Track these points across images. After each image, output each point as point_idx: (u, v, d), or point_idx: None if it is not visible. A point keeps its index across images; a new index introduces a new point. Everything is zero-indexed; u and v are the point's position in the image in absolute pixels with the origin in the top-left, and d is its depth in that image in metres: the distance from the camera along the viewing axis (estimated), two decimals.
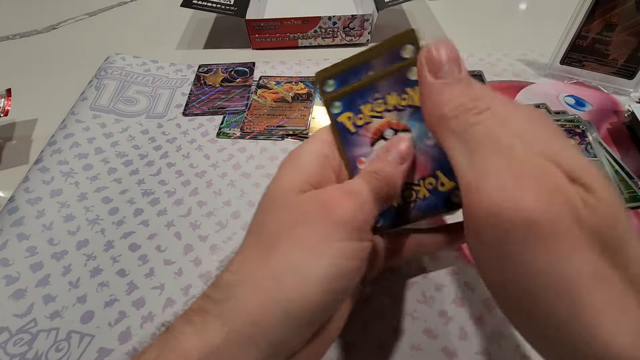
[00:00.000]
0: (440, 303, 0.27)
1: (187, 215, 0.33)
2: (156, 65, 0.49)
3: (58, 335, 0.26)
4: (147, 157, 0.38)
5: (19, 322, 0.27)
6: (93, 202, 0.34)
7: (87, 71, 0.48)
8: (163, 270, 0.30)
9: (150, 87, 0.46)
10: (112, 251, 0.31)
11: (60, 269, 0.29)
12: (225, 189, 0.35)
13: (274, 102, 0.44)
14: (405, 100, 0.20)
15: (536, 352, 0.16)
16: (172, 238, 0.32)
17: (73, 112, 0.42)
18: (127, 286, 0.29)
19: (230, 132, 0.41)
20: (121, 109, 0.43)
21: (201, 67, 0.49)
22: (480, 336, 0.25)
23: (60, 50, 0.55)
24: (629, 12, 0.39)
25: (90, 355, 0.25)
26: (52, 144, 0.38)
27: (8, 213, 0.32)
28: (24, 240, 0.31)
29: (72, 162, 0.37)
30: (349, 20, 0.51)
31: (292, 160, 0.20)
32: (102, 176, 0.36)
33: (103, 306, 0.28)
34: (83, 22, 0.61)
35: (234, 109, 0.43)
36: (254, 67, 0.49)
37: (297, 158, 0.20)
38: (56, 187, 0.35)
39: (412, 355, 0.25)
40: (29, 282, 0.29)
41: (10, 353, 0.25)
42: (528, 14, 0.60)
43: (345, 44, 0.53)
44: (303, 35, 0.52)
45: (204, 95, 0.45)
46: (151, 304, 0.28)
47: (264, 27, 0.51)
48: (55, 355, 0.25)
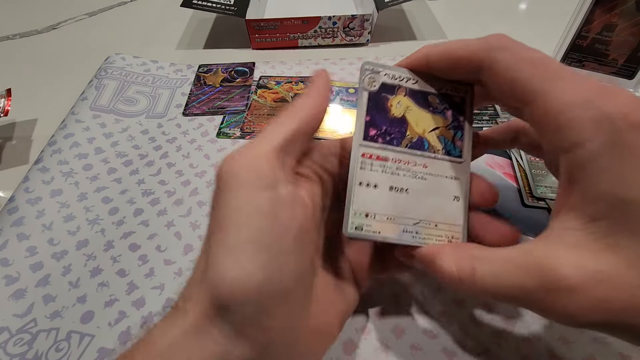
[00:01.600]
0: (440, 303, 0.27)
1: (187, 215, 0.33)
2: (156, 65, 0.49)
3: (58, 335, 0.26)
4: (147, 157, 0.38)
5: (19, 322, 0.27)
6: (93, 202, 0.34)
7: (87, 71, 0.48)
8: (163, 270, 0.30)
9: (150, 87, 0.46)
10: (112, 251, 0.31)
11: (60, 269, 0.29)
12: None
13: (274, 102, 0.44)
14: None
15: (535, 353, 0.16)
16: (172, 238, 0.32)
17: (73, 112, 0.42)
18: (127, 286, 0.29)
19: (230, 132, 0.41)
20: (121, 109, 0.43)
21: (201, 67, 0.49)
22: (480, 336, 0.25)
23: (60, 50, 0.55)
24: (629, 12, 0.39)
25: (90, 355, 0.25)
26: (52, 144, 0.38)
27: (8, 213, 0.32)
28: (24, 240, 0.31)
29: (72, 162, 0.37)
30: (349, 20, 0.51)
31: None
32: (102, 176, 0.36)
33: (103, 306, 0.28)
34: (83, 22, 0.61)
35: (234, 109, 0.43)
36: (254, 67, 0.49)
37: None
38: (56, 187, 0.35)
39: (412, 355, 0.25)
40: (29, 282, 0.29)
41: (10, 353, 0.25)
42: (528, 14, 0.60)
43: (345, 44, 0.53)
44: (303, 35, 0.52)
45: (204, 95, 0.45)
46: (151, 304, 0.28)
47: (264, 27, 0.51)
48: (55, 355, 0.25)
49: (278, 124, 0.19)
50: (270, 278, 0.16)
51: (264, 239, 0.16)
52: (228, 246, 0.16)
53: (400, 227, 0.20)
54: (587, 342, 0.25)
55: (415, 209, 0.20)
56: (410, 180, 0.21)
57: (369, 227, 0.20)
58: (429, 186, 0.21)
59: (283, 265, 0.16)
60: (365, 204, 0.20)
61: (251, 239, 0.16)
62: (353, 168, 0.20)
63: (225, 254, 0.16)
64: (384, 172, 0.20)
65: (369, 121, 0.21)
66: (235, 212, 0.16)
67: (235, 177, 0.17)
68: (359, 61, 0.49)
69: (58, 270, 0.29)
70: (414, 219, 0.20)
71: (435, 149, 0.21)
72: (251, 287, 0.15)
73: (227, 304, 0.15)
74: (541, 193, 0.33)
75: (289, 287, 0.16)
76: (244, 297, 0.15)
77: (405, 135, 0.21)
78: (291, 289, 0.17)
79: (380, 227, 0.20)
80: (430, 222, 0.21)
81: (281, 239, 0.16)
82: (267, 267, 0.16)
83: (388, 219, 0.20)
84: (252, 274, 0.15)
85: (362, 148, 0.20)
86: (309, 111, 0.19)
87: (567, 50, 0.43)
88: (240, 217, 0.16)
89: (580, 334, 0.25)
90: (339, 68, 0.48)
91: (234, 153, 0.17)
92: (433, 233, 0.20)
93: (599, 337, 0.25)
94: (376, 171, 0.20)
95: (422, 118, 0.21)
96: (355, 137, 0.20)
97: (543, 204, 0.33)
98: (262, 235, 0.16)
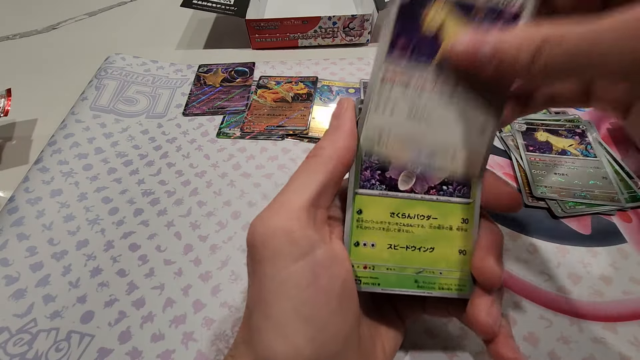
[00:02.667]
0: None
1: (187, 215, 0.33)
2: (156, 65, 0.49)
3: (58, 335, 0.26)
4: (147, 157, 0.38)
5: (19, 322, 0.27)
6: (93, 202, 0.34)
7: (87, 71, 0.48)
8: (163, 270, 0.30)
9: (150, 87, 0.46)
10: (112, 251, 0.31)
11: (60, 269, 0.29)
12: (225, 189, 0.35)
13: (274, 102, 0.44)
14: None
15: (535, 353, 0.16)
16: (172, 238, 0.32)
17: (73, 112, 0.42)
18: (127, 286, 0.29)
19: (230, 132, 0.41)
20: (121, 109, 0.43)
21: (201, 67, 0.49)
22: None
23: (60, 50, 0.55)
24: None
25: (90, 355, 0.25)
26: (52, 144, 0.38)
27: (8, 213, 0.32)
28: (24, 240, 0.31)
29: (72, 162, 0.37)
30: (349, 20, 0.51)
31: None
32: (102, 176, 0.36)
33: (103, 306, 0.28)
34: (83, 22, 0.61)
35: (234, 109, 0.43)
36: (254, 67, 0.49)
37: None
38: (56, 187, 0.35)
39: (412, 355, 0.25)
40: (29, 282, 0.29)
41: (10, 353, 0.25)
42: None
43: (345, 44, 0.53)
44: (303, 35, 0.52)
45: (204, 95, 0.45)
46: (151, 304, 0.28)
47: (264, 27, 0.51)
48: (55, 355, 0.25)
49: (306, 175, 0.18)
50: (320, 347, 0.16)
51: (308, 310, 0.16)
52: (272, 321, 0.16)
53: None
54: (587, 342, 0.25)
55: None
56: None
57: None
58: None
59: (331, 330, 0.16)
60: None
61: (295, 311, 0.15)
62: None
63: (271, 331, 0.16)
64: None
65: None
66: (274, 285, 0.16)
67: (268, 247, 0.16)
68: (359, 61, 0.49)
69: (58, 270, 0.29)
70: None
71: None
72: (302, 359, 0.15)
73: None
74: (541, 193, 0.33)
75: (337, 350, 0.16)
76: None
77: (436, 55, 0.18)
78: (340, 350, 0.16)
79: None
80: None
81: (325, 304, 0.16)
82: (315, 338, 0.15)
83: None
84: (302, 348, 0.15)
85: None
86: (338, 159, 0.18)
87: None
88: (280, 290, 0.16)
89: (580, 334, 0.25)
90: (339, 68, 0.48)
91: (264, 214, 0.17)
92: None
93: (599, 337, 0.25)
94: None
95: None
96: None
97: (543, 204, 0.33)
98: (306, 307, 0.16)
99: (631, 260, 0.29)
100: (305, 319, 0.15)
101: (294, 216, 0.16)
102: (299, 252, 0.16)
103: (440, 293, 0.20)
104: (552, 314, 0.26)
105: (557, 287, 0.28)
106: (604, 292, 0.27)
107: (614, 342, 0.25)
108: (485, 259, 0.18)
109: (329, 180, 0.18)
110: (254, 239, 0.16)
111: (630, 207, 0.32)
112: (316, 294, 0.16)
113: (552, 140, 0.37)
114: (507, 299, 0.27)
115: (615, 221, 0.32)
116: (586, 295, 0.27)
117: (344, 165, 0.18)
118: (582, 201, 0.32)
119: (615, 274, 0.28)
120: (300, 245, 0.16)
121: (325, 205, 0.18)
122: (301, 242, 0.16)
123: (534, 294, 0.28)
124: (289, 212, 0.16)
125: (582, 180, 0.34)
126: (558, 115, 0.40)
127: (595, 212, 0.32)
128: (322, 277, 0.16)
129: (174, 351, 0.25)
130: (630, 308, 0.27)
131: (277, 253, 0.16)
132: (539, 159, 0.36)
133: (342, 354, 0.17)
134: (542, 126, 0.39)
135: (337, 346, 0.16)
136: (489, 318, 0.18)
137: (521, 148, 0.37)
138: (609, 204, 0.32)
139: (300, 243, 0.16)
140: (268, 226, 0.16)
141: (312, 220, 0.17)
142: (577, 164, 0.35)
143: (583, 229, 0.31)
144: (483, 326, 0.18)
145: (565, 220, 0.32)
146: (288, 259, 0.16)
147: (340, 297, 0.17)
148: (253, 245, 0.17)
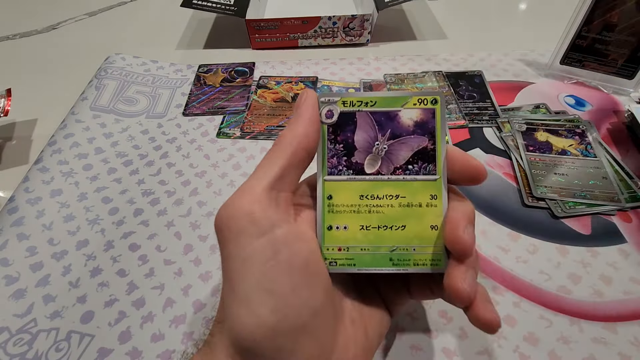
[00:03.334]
0: (440, 303, 0.27)
1: (187, 215, 0.33)
2: (156, 65, 0.49)
3: (58, 335, 0.26)
4: (147, 157, 0.38)
5: (19, 322, 0.27)
6: (93, 202, 0.34)
7: (87, 71, 0.48)
8: (163, 270, 0.30)
9: (150, 87, 0.46)
10: (112, 251, 0.31)
11: (60, 269, 0.29)
12: (225, 189, 0.35)
13: (274, 102, 0.44)
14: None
15: (535, 353, 0.16)
16: (172, 238, 0.32)
17: (73, 112, 0.42)
18: (127, 286, 0.29)
19: (230, 132, 0.41)
20: (121, 109, 0.43)
21: (201, 67, 0.49)
22: (480, 336, 0.25)
23: (60, 50, 0.55)
24: (629, 12, 0.39)
25: (90, 355, 0.25)
26: (52, 144, 0.38)
27: (8, 213, 0.32)
28: (24, 240, 0.31)
29: (72, 162, 0.37)
30: (349, 20, 0.51)
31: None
32: (102, 176, 0.36)
33: (103, 306, 0.28)
34: (83, 22, 0.61)
35: (234, 109, 0.43)
36: (254, 67, 0.49)
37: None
38: (56, 187, 0.35)
39: (412, 355, 0.25)
40: (29, 282, 0.29)
41: (10, 353, 0.25)
42: (528, 14, 0.60)
43: (345, 44, 0.53)
44: (303, 35, 0.52)
45: (204, 95, 0.45)
46: (151, 304, 0.28)
47: (264, 27, 0.51)
48: (55, 355, 0.25)
49: (267, 161, 0.19)
50: (284, 318, 0.16)
51: (269, 284, 0.17)
52: (238, 297, 0.17)
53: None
54: (587, 342, 0.25)
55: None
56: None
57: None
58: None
59: (294, 302, 0.17)
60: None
61: (258, 284, 0.17)
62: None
63: (237, 305, 0.17)
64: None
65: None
66: (238, 263, 0.17)
67: (232, 228, 0.17)
68: (359, 61, 0.49)
69: (58, 270, 0.29)
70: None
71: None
72: (266, 329, 0.16)
73: (248, 347, 0.16)
74: (541, 193, 0.33)
75: (305, 322, 0.17)
76: (262, 339, 0.16)
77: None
78: (308, 322, 0.17)
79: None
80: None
81: (287, 278, 0.17)
82: (278, 309, 0.16)
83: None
84: (265, 317, 0.16)
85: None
86: (297, 144, 0.19)
87: (567, 50, 0.43)
88: (243, 267, 0.17)
89: (580, 334, 0.25)
90: (339, 68, 0.48)
91: (228, 200, 0.18)
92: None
93: (599, 337, 0.25)
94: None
95: None
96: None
97: (543, 204, 0.33)
98: (266, 281, 0.17)
99: (631, 260, 0.29)
100: (268, 291, 0.16)
101: (254, 199, 0.17)
102: (259, 231, 0.17)
103: (415, 269, 0.20)
104: (552, 314, 0.26)
105: (557, 287, 0.28)
106: (604, 292, 0.27)
107: (614, 342, 0.25)
108: (455, 230, 0.19)
109: (288, 164, 0.19)
110: (221, 222, 0.18)
111: (630, 207, 0.32)
112: (277, 268, 0.17)
113: (552, 140, 0.37)
114: (507, 299, 0.27)
115: (615, 221, 0.32)
116: (586, 295, 0.27)
117: (304, 150, 0.19)
118: (582, 201, 0.32)
119: (615, 274, 0.28)
120: (260, 224, 0.17)
121: (289, 189, 0.19)
122: (262, 222, 0.17)
123: (534, 294, 0.28)
124: (251, 195, 0.18)
125: (582, 180, 0.34)
126: (558, 115, 0.40)
127: (595, 212, 0.32)
128: (282, 252, 0.17)
129: (174, 351, 0.25)
130: (630, 308, 0.27)
131: (240, 233, 0.17)
132: (539, 159, 0.36)
133: (311, 327, 0.17)
134: (542, 126, 0.39)
135: (302, 318, 0.17)
136: (464, 284, 0.18)
137: (521, 148, 0.37)
138: (609, 204, 0.32)
139: (261, 222, 0.17)
140: (231, 210, 0.18)
141: (273, 202, 0.18)
142: (577, 164, 0.35)
143: (583, 229, 0.31)
144: (459, 292, 0.18)
145: (565, 220, 0.32)
146: (249, 237, 0.17)
147: (304, 273, 0.17)
148: (220, 229, 0.18)
